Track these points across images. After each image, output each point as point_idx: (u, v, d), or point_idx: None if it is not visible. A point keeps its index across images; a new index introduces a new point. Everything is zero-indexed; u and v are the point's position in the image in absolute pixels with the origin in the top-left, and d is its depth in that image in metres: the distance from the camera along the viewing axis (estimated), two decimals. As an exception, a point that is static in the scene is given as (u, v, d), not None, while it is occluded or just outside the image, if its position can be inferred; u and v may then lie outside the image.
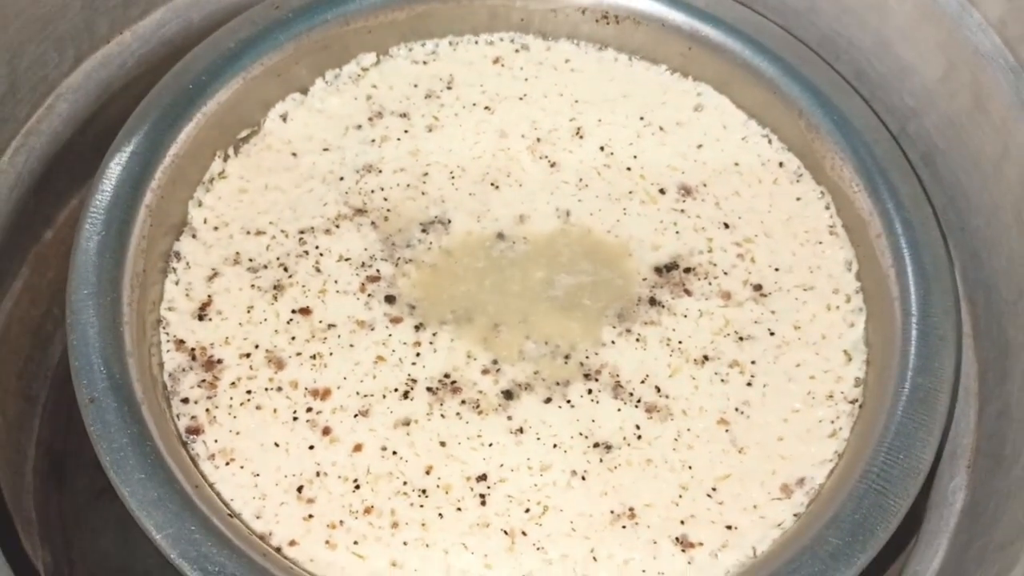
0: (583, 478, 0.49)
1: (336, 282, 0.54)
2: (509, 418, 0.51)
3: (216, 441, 0.49)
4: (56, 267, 0.63)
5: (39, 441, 0.63)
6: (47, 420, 0.63)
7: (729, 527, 0.48)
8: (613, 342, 0.53)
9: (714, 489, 0.49)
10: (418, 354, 0.52)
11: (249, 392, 0.51)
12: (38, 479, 0.61)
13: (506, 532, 0.48)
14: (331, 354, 0.52)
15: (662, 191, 0.58)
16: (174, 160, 0.54)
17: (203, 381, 0.51)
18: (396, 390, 0.51)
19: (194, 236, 0.55)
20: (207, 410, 0.50)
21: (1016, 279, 0.48)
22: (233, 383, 0.51)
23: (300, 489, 0.48)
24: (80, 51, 0.58)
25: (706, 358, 0.53)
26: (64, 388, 0.64)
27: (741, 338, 0.53)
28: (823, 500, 0.47)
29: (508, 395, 0.51)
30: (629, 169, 0.59)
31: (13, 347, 0.61)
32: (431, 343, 0.53)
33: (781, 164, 0.59)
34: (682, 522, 0.48)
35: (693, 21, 0.60)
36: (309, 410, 0.51)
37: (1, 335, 0.60)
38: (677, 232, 0.56)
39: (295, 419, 0.50)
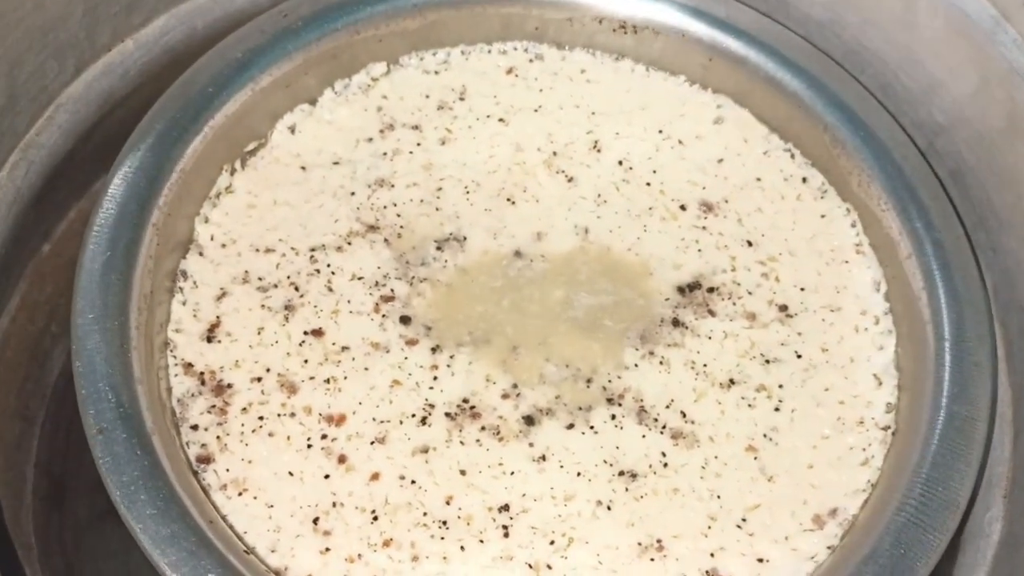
0: (608, 508, 0.48)
1: (349, 302, 0.52)
2: (531, 445, 0.49)
3: (228, 470, 0.48)
4: (54, 282, 0.61)
5: (38, 462, 0.61)
6: (45, 441, 0.61)
7: (761, 560, 0.47)
8: (636, 365, 0.51)
9: (744, 520, 0.48)
10: (435, 378, 0.51)
11: (261, 418, 0.49)
12: (37, 501, 0.59)
13: (530, 565, 0.46)
14: (345, 378, 0.50)
15: (683, 207, 0.56)
16: (180, 176, 0.52)
17: (213, 407, 0.49)
18: (413, 415, 0.50)
19: (201, 254, 0.53)
20: (218, 437, 0.48)
21: (1053, 304, 0.47)
22: (244, 409, 0.49)
23: (316, 520, 0.47)
24: (81, 60, 0.56)
25: (732, 382, 0.51)
26: (62, 407, 0.62)
27: (767, 361, 0.52)
28: (858, 532, 0.46)
29: (529, 421, 0.50)
30: (648, 184, 0.57)
31: (10, 365, 0.59)
32: (448, 366, 0.51)
33: (805, 180, 0.57)
34: (712, 554, 0.47)
35: (714, 32, 0.58)
36: (324, 437, 0.49)
37: (-2, 353, 0.58)
38: (699, 250, 0.55)
39: (309, 446, 0.49)
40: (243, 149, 0.56)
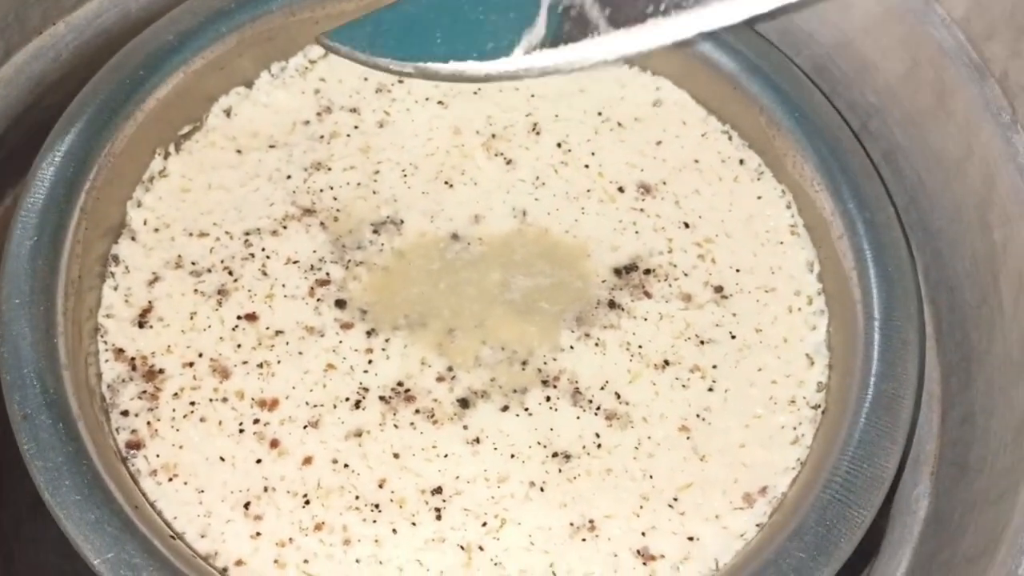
0: (542, 489, 0.48)
1: (284, 286, 0.52)
2: (465, 427, 0.49)
3: (158, 456, 0.47)
4: (-11, 269, 0.61)
5: (-28, 451, 0.60)
6: (-19, 429, 0.61)
7: (691, 538, 0.47)
8: (572, 347, 0.51)
9: (675, 499, 0.48)
10: (370, 361, 0.50)
11: (193, 403, 0.49)
12: (-28, 491, 0.59)
13: (462, 547, 0.46)
14: (279, 362, 0.50)
15: (621, 189, 0.56)
16: (110, 159, 0.51)
17: (144, 392, 0.49)
18: (347, 399, 0.49)
19: (133, 238, 0.53)
20: (148, 423, 0.48)
21: (980, 283, 0.48)
22: (176, 394, 0.49)
23: (247, 505, 0.47)
24: (10, 44, 0.55)
25: (667, 363, 0.51)
26: (-1, 396, 0.62)
27: (702, 342, 0.52)
28: (786, 510, 0.47)
29: (464, 403, 0.50)
30: (587, 167, 0.57)
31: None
32: (384, 349, 0.51)
33: (742, 162, 0.57)
34: (643, 534, 0.47)
35: (652, 14, 0.58)
36: (256, 421, 0.49)
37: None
38: (636, 232, 0.55)
39: (241, 431, 0.48)
40: (177, 132, 0.55)
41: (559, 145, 0.58)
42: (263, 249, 0.53)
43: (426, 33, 0.51)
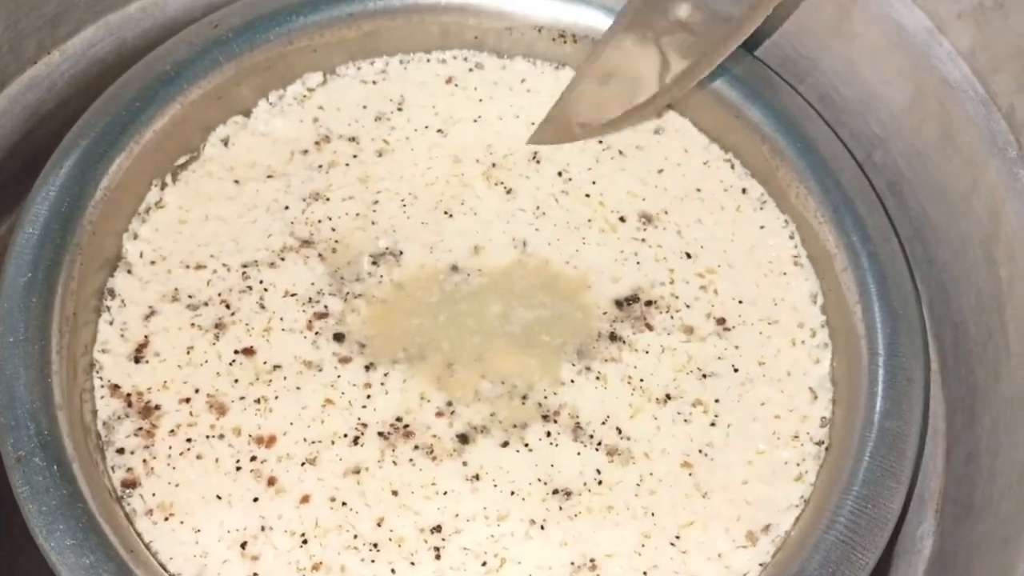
0: (542, 527, 0.47)
1: (282, 319, 0.52)
2: (464, 464, 0.49)
3: (154, 495, 0.47)
4: (-15, 298, 0.60)
5: (-31, 482, 0.59)
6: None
7: (693, 578, 0.46)
8: (572, 381, 0.51)
9: (677, 537, 0.47)
10: (369, 396, 0.50)
11: (189, 440, 0.48)
12: (-32, 522, 0.58)
13: (462, 588, 0.46)
14: (276, 398, 0.50)
15: (622, 219, 0.56)
16: (106, 192, 0.51)
17: (140, 429, 0.48)
18: (346, 435, 0.49)
19: (129, 271, 0.52)
20: (144, 460, 0.48)
21: (985, 319, 0.47)
22: (172, 431, 0.48)
23: (244, 545, 0.46)
24: (5, 74, 0.54)
25: (668, 397, 0.51)
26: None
27: (704, 375, 0.51)
28: (789, 550, 0.46)
29: (463, 439, 0.49)
30: (588, 196, 0.56)
31: (-60, 383, 0.58)
32: (382, 384, 0.50)
33: (744, 191, 0.57)
34: (645, 573, 0.47)
35: (653, 41, 0.58)
36: (253, 459, 0.48)
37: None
38: (638, 263, 0.54)
39: (238, 469, 0.48)
40: (174, 163, 0.55)
41: (560, 174, 0.57)
42: (261, 282, 0.53)
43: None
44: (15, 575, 0.60)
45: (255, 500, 0.47)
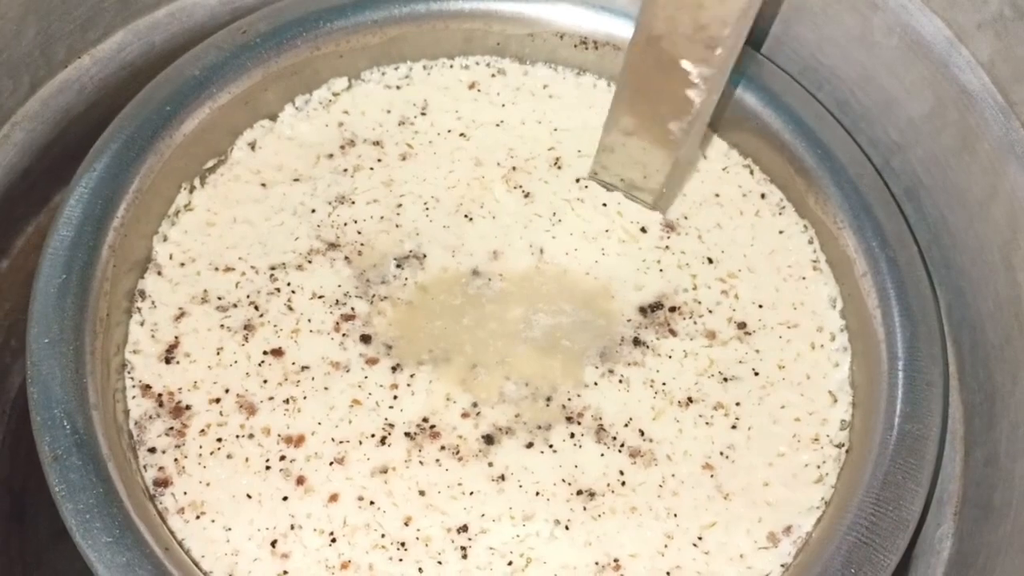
0: (567, 527, 0.48)
1: (309, 321, 0.52)
2: (490, 464, 0.49)
3: (185, 493, 0.48)
4: (13, 298, 0.61)
5: (-2, 480, 0.60)
6: (6, 457, 0.61)
7: (716, 578, 0.47)
8: (596, 383, 0.52)
9: (700, 538, 0.48)
10: (395, 397, 0.51)
11: (219, 440, 0.49)
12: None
13: (488, 587, 0.46)
14: (305, 398, 0.50)
15: (643, 229, 0.56)
16: (137, 196, 0.52)
17: (171, 429, 0.49)
18: (373, 435, 0.50)
19: (159, 273, 0.53)
20: (175, 460, 0.48)
21: (1003, 323, 0.48)
22: (202, 430, 0.49)
23: (274, 543, 0.47)
24: (36, 78, 0.55)
25: (690, 400, 0.52)
26: (23, 423, 0.62)
27: (726, 379, 0.52)
28: (811, 551, 0.47)
29: (489, 440, 0.50)
30: (605, 205, 0.57)
31: (-32, 382, 0.59)
32: (408, 385, 0.51)
33: (763, 196, 0.58)
34: (668, 573, 0.47)
35: (674, 48, 0.59)
36: (282, 458, 0.49)
37: (-44, 371, 0.57)
38: (661, 270, 0.55)
39: (268, 468, 0.49)
40: (202, 166, 0.56)
41: (577, 180, 0.58)
42: (288, 284, 0.53)
43: None
44: (39, 573, 0.60)
45: (284, 499, 0.48)
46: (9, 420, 0.62)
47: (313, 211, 0.56)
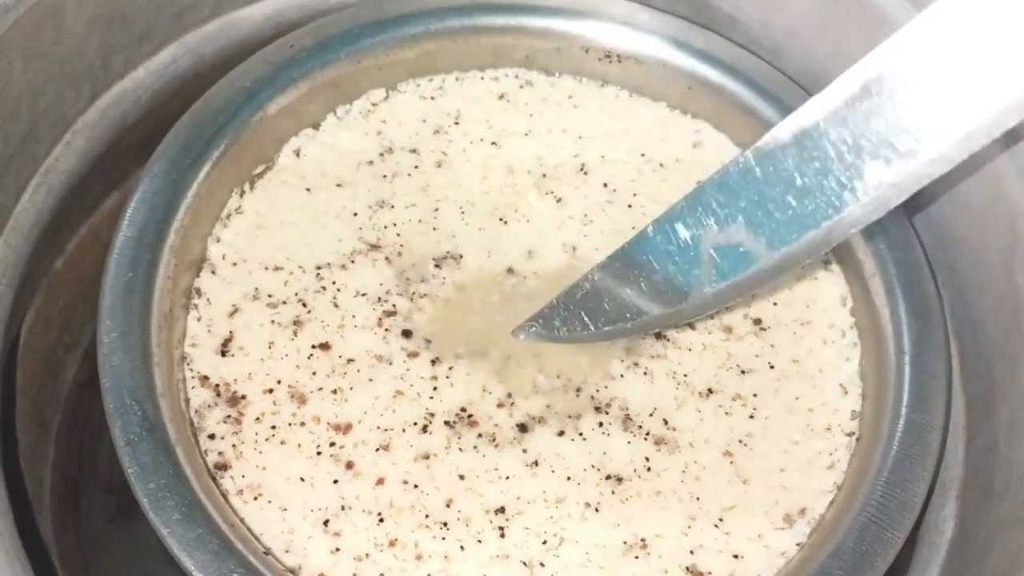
0: (596, 510, 0.52)
1: (354, 317, 0.56)
2: (524, 451, 0.53)
3: (243, 476, 0.51)
4: (66, 295, 0.65)
5: (54, 466, 0.64)
6: (60, 446, 0.65)
7: (736, 556, 0.51)
8: (622, 375, 0.55)
9: (721, 519, 0.52)
10: (435, 388, 0.54)
11: (273, 427, 0.53)
12: (55, 504, 0.63)
13: (525, 564, 0.50)
14: (351, 389, 0.54)
15: (666, 229, 0.60)
16: (195, 199, 0.55)
17: (228, 417, 0.53)
18: (415, 424, 0.53)
19: (213, 272, 0.57)
20: (234, 445, 0.52)
21: (1003, 321, 0.51)
22: (258, 418, 0.53)
23: (326, 523, 0.50)
24: (96, 88, 0.59)
25: (710, 391, 0.55)
26: (76, 413, 0.66)
27: (743, 371, 0.56)
28: (824, 531, 0.50)
29: (523, 428, 0.54)
30: (630, 206, 0.61)
31: (26, 375, 0.62)
32: (447, 377, 0.55)
33: (777, 201, 0.61)
34: (691, 552, 0.51)
35: (693, 61, 0.62)
36: (332, 444, 0.52)
37: (17, 363, 0.61)
38: (680, 268, 0.59)
39: (319, 453, 0.52)
40: (251, 172, 0.59)
41: (605, 185, 0.62)
42: (334, 282, 0.57)
43: (607, 304, 0.54)
44: (94, 556, 0.64)
45: (335, 482, 0.51)
46: (64, 411, 0.65)
47: (355, 214, 0.59)
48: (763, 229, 0.47)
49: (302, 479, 0.51)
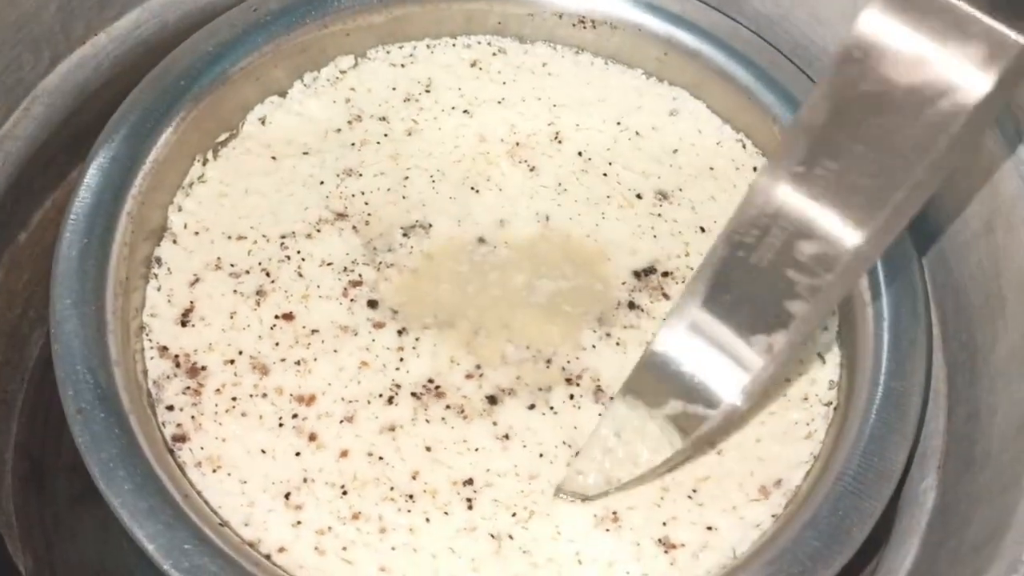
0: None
1: (319, 287, 0.55)
2: (494, 423, 0.51)
3: (202, 448, 0.50)
4: (31, 269, 0.63)
5: (17, 444, 0.62)
6: (24, 423, 0.63)
7: (710, 528, 0.49)
8: (594, 346, 0.54)
9: (694, 491, 0.50)
10: (401, 359, 0.53)
11: (234, 399, 0.51)
12: (17, 483, 0.61)
13: (493, 536, 0.49)
14: (315, 360, 0.52)
15: (639, 196, 0.59)
16: (154, 165, 0.54)
17: (188, 388, 0.51)
18: (381, 395, 0.52)
19: (175, 241, 0.55)
20: (192, 417, 0.50)
21: (984, 285, 0.50)
22: (218, 390, 0.51)
23: (288, 496, 0.49)
24: (56, 53, 0.57)
25: (684, 362, 0.54)
26: (40, 391, 0.64)
27: (718, 341, 0.54)
28: (800, 501, 0.49)
29: (492, 400, 0.52)
30: (606, 175, 0.59)
31: (-12, 350, 0.61)
32: (414, 348, 0.53)
33: (755, 169, 0.60)
34: (664, 523, 0.49)
35: (669, 26, 0.61)
36: (295, 416, 0.51)
37: (-24, 339, 0.60)
38: (655, 236, 0.57)
39: (281, 425, 0.51)
40: (215, 140, 0.58)
41: (580, 153, 0.60)
42: (298, 252, 0.55)
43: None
44: (58, 536, 0.62)
45: (297, 454, 0.50)
46: (27, 388, 0.64)
47: (322, 183, 0.58)
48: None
49: (263, 451, 0.50)
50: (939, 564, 0.46)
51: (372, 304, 0.54)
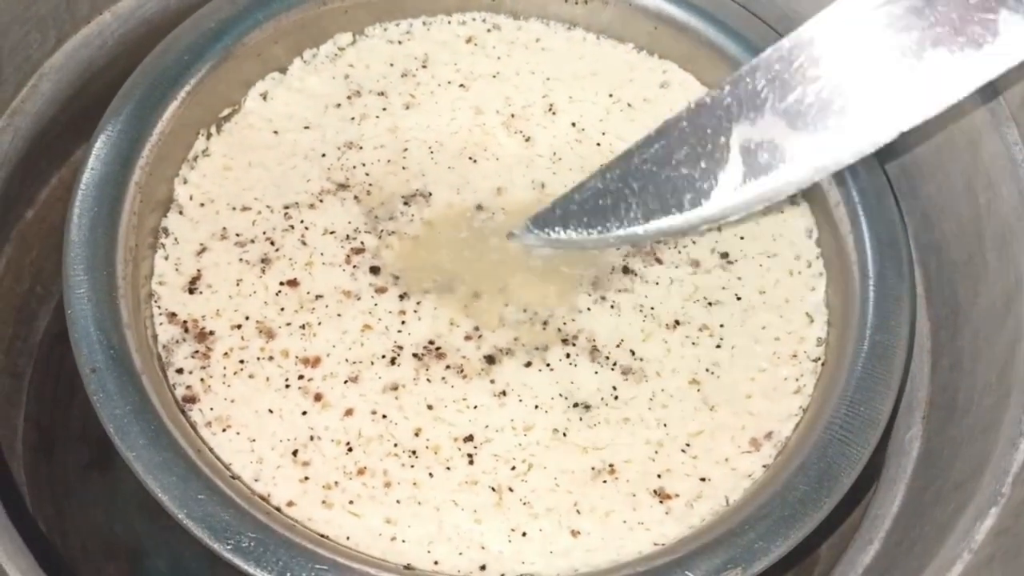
0: (564, 435, 0.52)
1: (322, 254, 0.56)
2: (492, 381, 0.53)
3: (212, 409, 0.51)
4: (38, 246, 0.65)
5: (27, 416, 0.64)
6: (33, 395, 0.65)
7: (703, 479, 0.51)
8: (589, 309, 0.56)
9: (688, 444, 0.52)
10: (403, 322, 0.54)
11: (242, 362, 0.53)
12: (28, 452, 0.63)
13: (493, 489, 0.50)
14: (320, 324, 0.54)
15: (632, 164, 0.60)
16: (160, 138, 0.55)
17: (196, 352, 0.53)
18: (384, 356, 0.53)
19: (181, 213, 0.57)
20: (202, 379, 0.52)
21: (966, 242, 0.52)
22: (226, 353, 0.53)
23: (295, 453, 0.51)
24: (62, 31, 0.59)
25: (677, 323, 0.55)
26: (49, 364, 0.66)
27: (710, 303, 0.56)
28: (790, 451, 0.51)
29: (490, 360, 0.54)
30: (599, 145, 0.61)
31: (-2, 325, 0.63)
32: (415, 311, 0.55)
33: (744, 137, 0.61)
34: (659, 476, 0.51)
35: (658, 1, 0.63)
36: (301, 377, 0.53)
37: (-13, 313, 0.61)
38: (647, 203, 0.59)
39: (287, 386, 0.52)
40: (218, 115, 0.59)
41: (573, 124, 0.62)
42: (302, 221, 0.57)
43: (618, 203, 0.53)
44: (67, 503, 0.64)
45: (304, 414, 0.52)
46: (36, 361, 0.65)
47: (323, 155, 0.59)
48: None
49: (270, 411, 0.51)
50: (924, 506, 0.48)
51: (374, 270, 0.56)
